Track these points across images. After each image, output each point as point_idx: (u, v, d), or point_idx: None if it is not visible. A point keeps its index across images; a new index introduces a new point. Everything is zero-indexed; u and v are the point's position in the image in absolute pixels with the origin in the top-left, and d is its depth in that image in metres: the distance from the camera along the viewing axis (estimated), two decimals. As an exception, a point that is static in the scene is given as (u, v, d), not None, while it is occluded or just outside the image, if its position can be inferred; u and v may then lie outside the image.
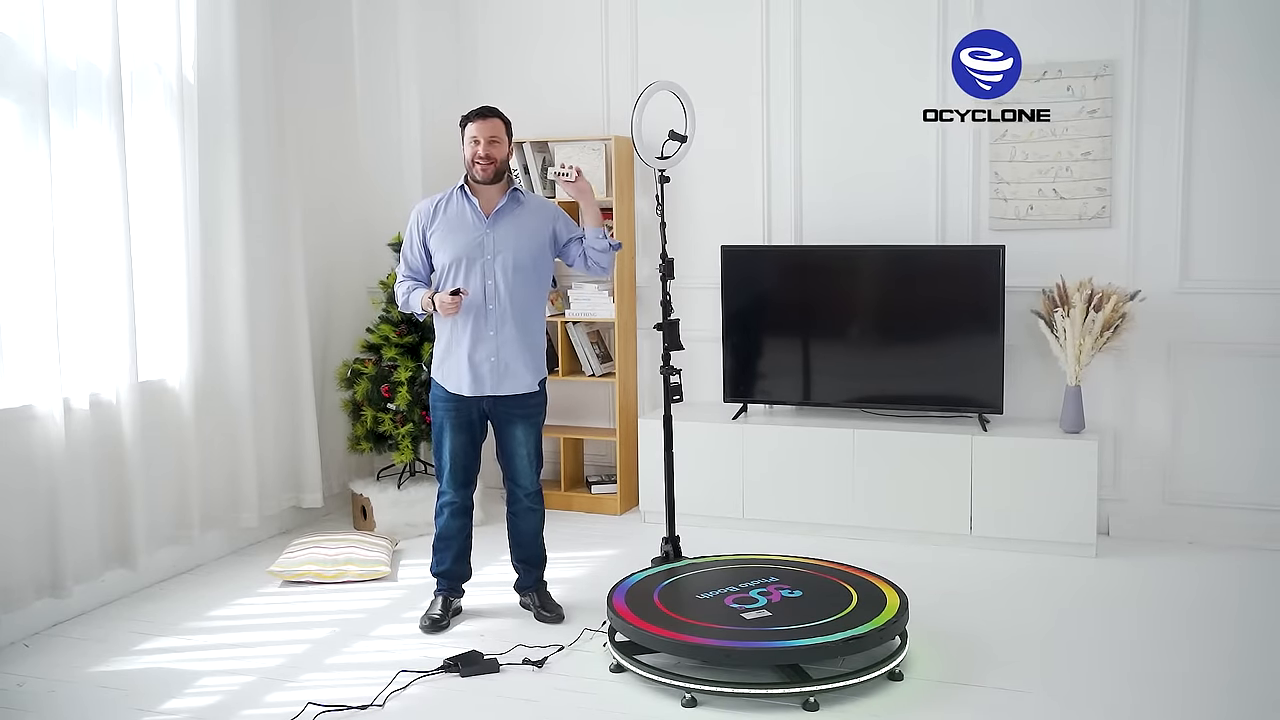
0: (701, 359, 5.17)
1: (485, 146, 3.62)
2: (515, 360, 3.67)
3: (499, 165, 3.66)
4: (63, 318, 3.77)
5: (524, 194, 3.76)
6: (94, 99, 3.93)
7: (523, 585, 3.93)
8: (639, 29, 5.23)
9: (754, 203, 5.12)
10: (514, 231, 3.67)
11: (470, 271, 3.64)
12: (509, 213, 3.69)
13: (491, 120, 3.65)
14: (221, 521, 4.59)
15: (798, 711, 3.08)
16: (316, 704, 3.15)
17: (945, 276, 4.68)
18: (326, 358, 5.25)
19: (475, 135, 3.63)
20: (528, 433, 3.77)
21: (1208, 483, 4.59)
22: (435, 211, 3.72)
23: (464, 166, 3.70)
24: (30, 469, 3.71)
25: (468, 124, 3.67)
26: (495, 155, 3.64)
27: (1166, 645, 3.53)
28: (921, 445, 4.57)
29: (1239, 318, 4.50)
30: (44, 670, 3.47)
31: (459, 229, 3.66)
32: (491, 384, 3.67)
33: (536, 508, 3.86)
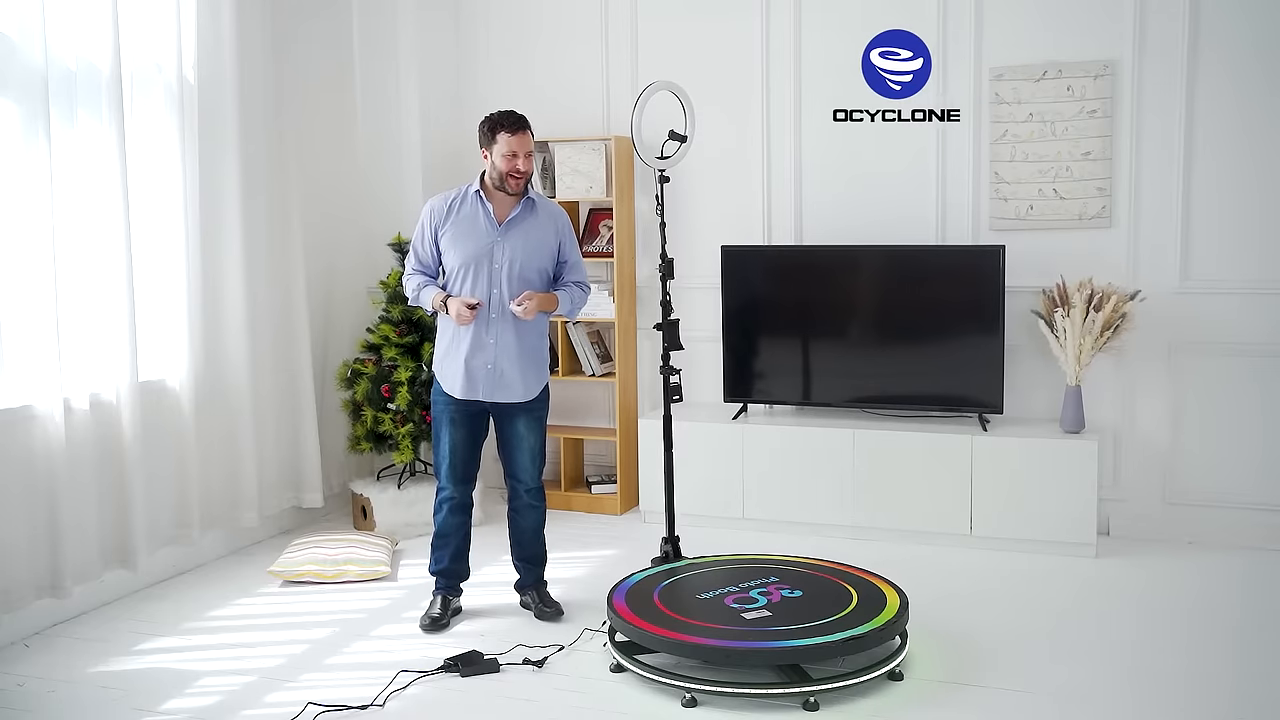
0: (701, 359, 5.17)
1: (523, 161, 3.57)
2: (512, 369, 3.66)
3: (528, 179, 3.64)
4: (63, 318, 3.77)
5: (538, 199, 3.74)
6: (94, 99, 3.93)
7: (523, 584, 3.93)
8: (639, 29, 5.23)
9: (754, 203, 5.12)
10: (523, 242, 3.65)
11: (477, 277, 3.63)
12: (521, 221, 3.66)
13: (527, 134, 3.59)
14: (221, 521, 4.59)
15: (798, 711, 3.08)
16: (316, 704, 3.15)
17: (945, 276, 4.68)
18: (326, 358, 5.25)
19: (514, 150, 3.55)
20: (530, 427, 3.77)
21: (1208, 483, 4.59)
22: (449, 210, 3.68)
23: (490, 173, 3.63)
24: (30, 469, 3.71)
25: (499, 133, 3.56)
26: (529, 170, 3.61)
27: (1166, 645, 3.53)
28: (921, 445, 4.57)
29: (1239, 317, 4.50)
30: (44, 670, 3.47)
31: (471, 234, 3.64)
32: (485, 391, 3.66)
33: (538, 505, 3.86)
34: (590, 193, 5.15)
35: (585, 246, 5.33)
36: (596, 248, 5.29)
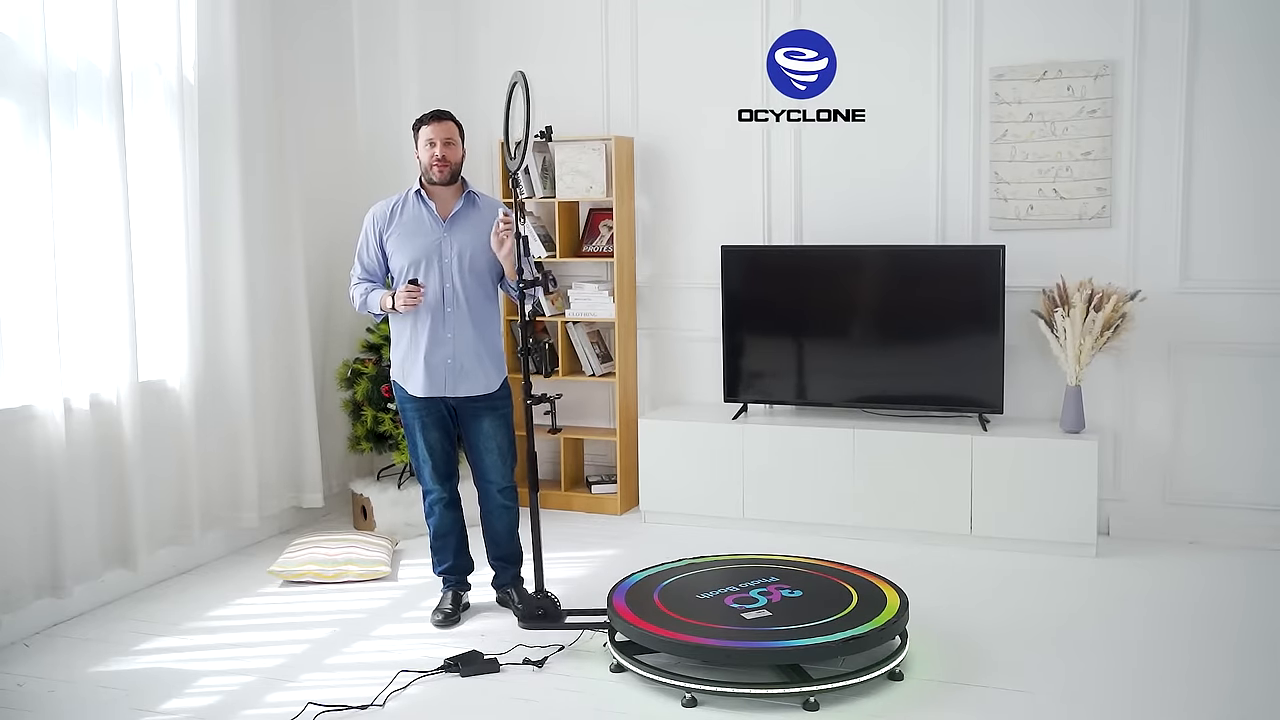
0: (701, 359, 5.17)
1: (441, 149, 3.65)
2: (471, 361, 3.68)
3: (454, 166, 3.69)
4: (63, 318, 3.77)
5: (479, 196, 3.78)
6: (94, 99, 3.93)
7: (500, 582, 3.94)
8: (639, 29, 5.23)
9: (754, 203, 5.12)
10: (471, 234, 3.68)
11: (428, 274, 3.66)
12: (465, 216, 3.71)
13: (445, 123, 3.68)
14: (221, 521, 4.59)
15: (798, 711, 3.08)
16: (316, 704, 3.15)
17: (945, 276, 4.68)
18: (326, 358, 5.25)
19: (431, 138, 3.65)
20: (496, 426, 3.77)
21: (1208, 483, 4.59)
22: (392, 214, 3.73)
23: (420, 169, 3.71)
24: (30, 469, 3.71)
25: (421, 127, 3.68)
26: (451, 157, 3.67)
27: (1167, 645, 3.52)
28: (921, 445, 4.57)
29: (1239, 317, 4.49)
30: (44, 670, 3.47)
31: (416, 232, 3.68)
32: (449, 386, 3.68)
33: (511, 504, 3.86)
34: (590, 193, 5.15)
35: (585, 246, 5.34)
36: (596, 248, 5.29)
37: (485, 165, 5.38)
